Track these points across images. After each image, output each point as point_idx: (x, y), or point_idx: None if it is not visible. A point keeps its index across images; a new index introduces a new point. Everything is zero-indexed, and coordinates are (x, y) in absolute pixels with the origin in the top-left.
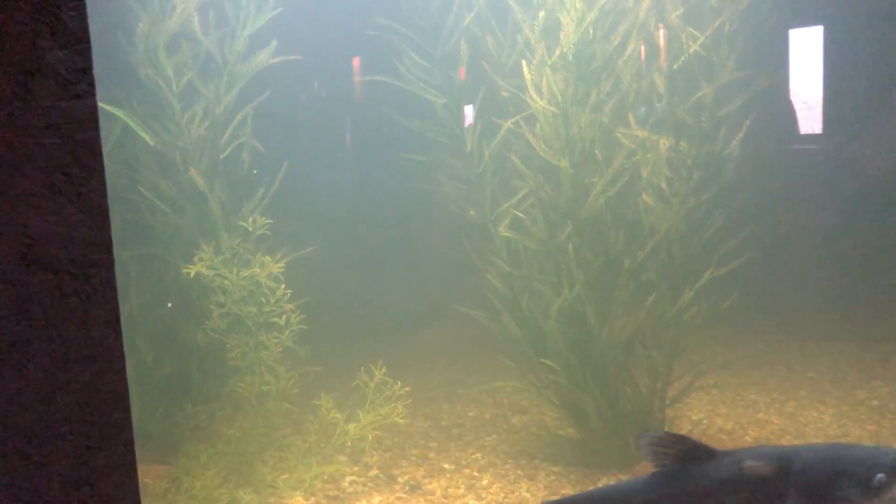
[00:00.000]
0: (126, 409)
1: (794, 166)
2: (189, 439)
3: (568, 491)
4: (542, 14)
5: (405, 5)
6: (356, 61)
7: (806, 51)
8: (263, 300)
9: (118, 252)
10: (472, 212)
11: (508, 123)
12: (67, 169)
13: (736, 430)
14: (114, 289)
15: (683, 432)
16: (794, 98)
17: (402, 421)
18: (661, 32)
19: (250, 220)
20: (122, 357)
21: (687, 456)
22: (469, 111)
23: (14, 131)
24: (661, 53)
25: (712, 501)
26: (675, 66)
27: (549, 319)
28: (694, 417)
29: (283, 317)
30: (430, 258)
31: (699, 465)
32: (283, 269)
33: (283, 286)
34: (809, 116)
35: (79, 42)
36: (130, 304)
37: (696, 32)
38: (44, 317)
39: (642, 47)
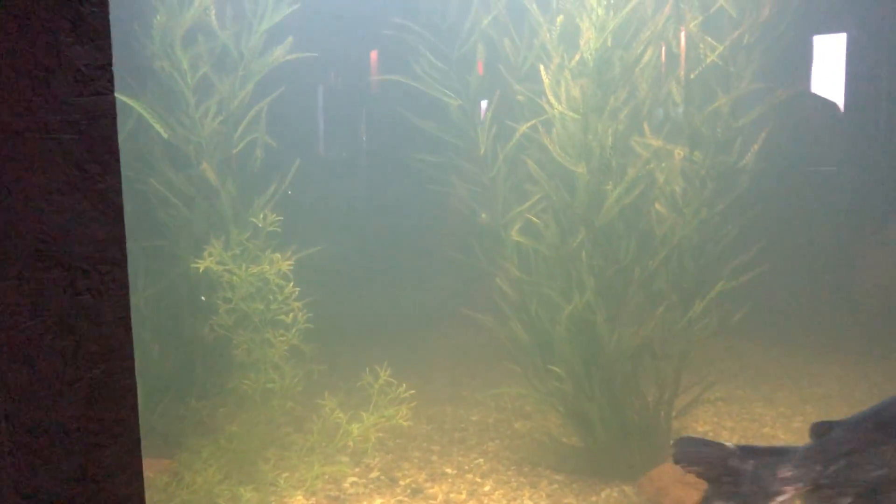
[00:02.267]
0: (134, 408)
1: (811, 177)
2: (192, 434)
3: (571, 501)
4: (560, 19)
5: (423, 6)
6: (373, 57)
7: (827, 60)
8: (271, 297)
9: (127, 243)
10: (483, 215)
11: (524, 128)
12: (84, 165)
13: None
14: (126, 286)
15: None
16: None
17: (405, 423)
18: (680, 41)
19: (261, 216)
20: (131, 355)
21: None
22: (484, 105)
23: (32, 126)
24: (679, 62)
25: None
26: (692, 76)
27: (558, 326)
28: (700, 429)
29: (290, 315)
30: (440, 260)
31: None
32: (291, 267)
33: (291, 284)
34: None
35: (99, 37)
36: (138, 296)
37: (714, 42)
38: (56, 313)
39: (663, 56)
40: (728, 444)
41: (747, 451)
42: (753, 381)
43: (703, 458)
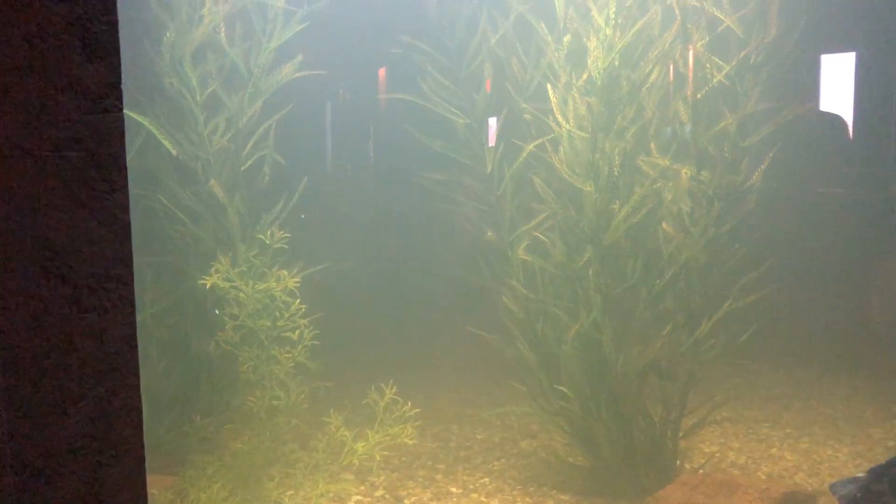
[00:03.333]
0: (139, 426)
1: (820, 197)
2: (196, 451)
3: None
4: (567, 38)
5: (431, 25)
6: (381, 75)
7: (835, 80)
8: (278, 314)
9: (134, 259)
10: (489, 233)
11: (531, 146)
12: (92, 183)
13: (748, 464)
14: (132, 304)
15: (696, 465)
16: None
17: (410, 442)
18: (688, 61)
19: (268, 232)
20: (136, 373)
21: None
22: (493, 123)
23: (41, 144)
24: (686, 82)
25: None
26: (699, 96)
27: (564, 345)
28: (706, 450)
29: (297, 331)
30: (447, 278)
31: None
32: (298, 284)
33: (297, 301)
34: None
35: (109, 56)
36: (145, 312)
37: (721, 62)
38: (61, 331)
39: (670, 75)
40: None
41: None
42: (760, 402)
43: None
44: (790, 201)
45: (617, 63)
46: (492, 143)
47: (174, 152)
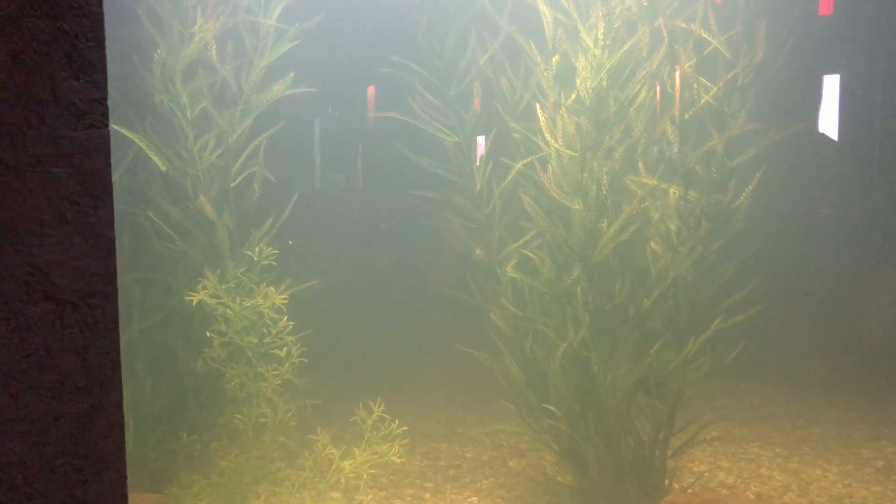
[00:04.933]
0: (120, 443)
1: (809, 217)
2: (183, 468)
3: None
4: (556, 58)
5: (421, 45)
6: (370, 94)
7: (822, 101)
8: (265, 331)
9: (122, 275)
10: (478, 250)
11: (520, 165)
12: (76, 198)
13: (738, 484)
14: (115, 321)
15: (685, 484)
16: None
17: (398, 460)
18: (675, 82)
19: (256, 249)
20: (119, 390)
21: None
22: (481, 141)
23: (25, 160)
24: (674, 102)
25: None
26: (687, 116)
27: (553, 363)
28: (696, 469)
29: (284, 349)
30: (435, 296)
31: None
32: (286, 301)
33: (285, 318)
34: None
35: (95, 72)
36: (132, 329)
37: (708, 83)
38: (43, 347)
39: (658, 95)
40: None
41: None
42: (749, 421)
43: None
44: (780, 219)
45: (605, 83)
46: (481, 152)
47: (164, 168)
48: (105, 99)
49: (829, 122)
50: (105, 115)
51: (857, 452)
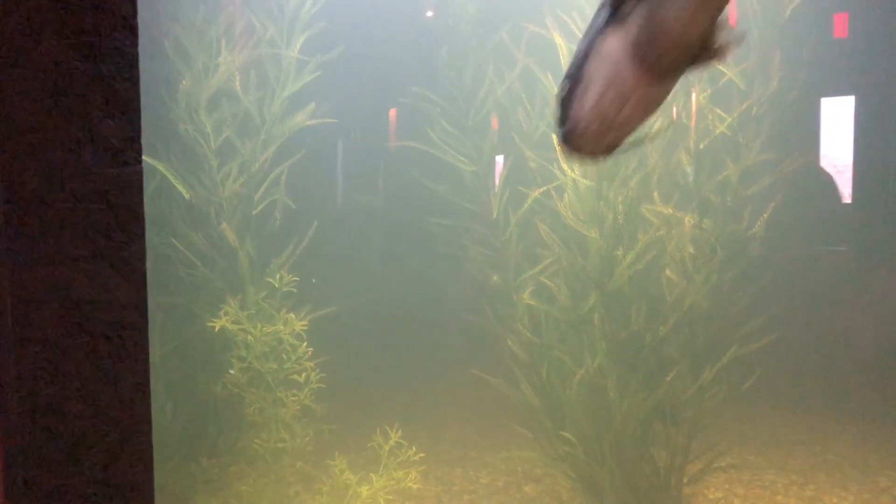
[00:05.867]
0: (149, 471)
1: (822, 243)
2: (202, 493)
3: None
4: None
5: (440, 76)
6: (392, 116)
7: (836, 129)
8: (285, 357)
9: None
10: (495, 277)
11: (537, 193)
12: (110, 233)
13: None
14: (146, 352)
15: None
16: (826, 166)
17: (414, 486)
18: (690, 112)
19: (277, 276)
20: (148, 420)
21: None
22: (498, 168)
23: (62, 196)
24: (689, 132)
25: None
26: (702, 146)
27: (569, 390)
28: (711, 496)
29: (304, 374)
30: (452, 321)
31: None
32: (305, 327)
33: (304, 343)
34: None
35: (129, 111)
36: (153, 353)
37: (723, 114)
38: (77, 379)
39: (674, 125)
40: None
41: None
42: (765, 448)
43: None
44: (792, 254)
45: None
46: (499, 169)
47: (187, 196)
48: (139, 137)
49: (844, 149)
50: (139, 152)
51: (874, 480)
